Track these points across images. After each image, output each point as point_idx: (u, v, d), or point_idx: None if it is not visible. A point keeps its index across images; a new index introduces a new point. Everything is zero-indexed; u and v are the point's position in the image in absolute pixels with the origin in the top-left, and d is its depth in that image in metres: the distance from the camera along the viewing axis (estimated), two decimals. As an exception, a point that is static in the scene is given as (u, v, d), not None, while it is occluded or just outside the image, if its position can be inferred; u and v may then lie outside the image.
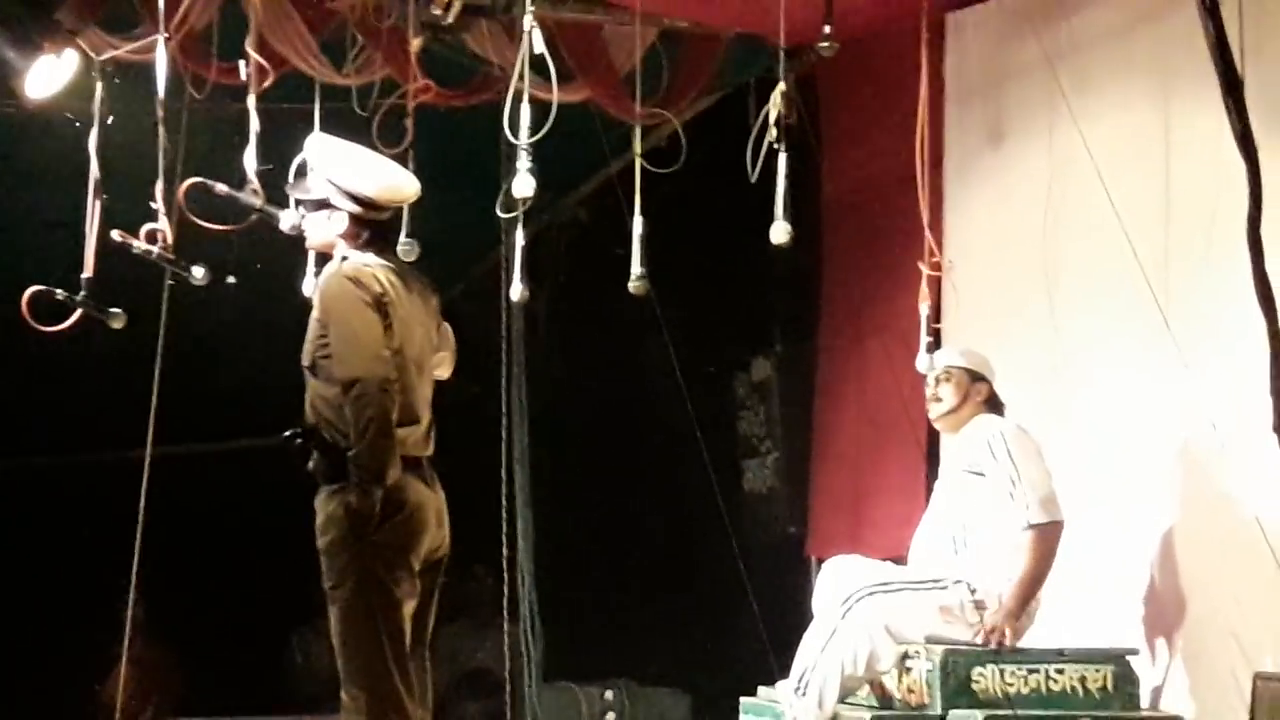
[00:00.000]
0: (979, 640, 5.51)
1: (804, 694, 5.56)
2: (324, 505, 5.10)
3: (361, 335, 5.02)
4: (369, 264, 5.16)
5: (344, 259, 5.20)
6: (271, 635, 9.45)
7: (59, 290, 5.41)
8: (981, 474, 5.74)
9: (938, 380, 5.97)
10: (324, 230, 5.27)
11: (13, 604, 9.54)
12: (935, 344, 6.25)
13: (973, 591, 5.62)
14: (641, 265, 5.88)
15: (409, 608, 5.12)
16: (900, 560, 6.09)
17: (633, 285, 5.93)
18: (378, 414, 4.92)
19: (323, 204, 5.24)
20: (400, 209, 5.46)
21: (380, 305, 5.07)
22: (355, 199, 5.19)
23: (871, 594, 5.61)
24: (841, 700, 5.56)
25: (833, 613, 5.62)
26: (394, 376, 5.01)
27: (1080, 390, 6.28)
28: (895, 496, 7.15)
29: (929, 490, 6.32)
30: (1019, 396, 6.18)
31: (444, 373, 5.50)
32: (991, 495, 5.69)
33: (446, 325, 5.53)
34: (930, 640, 5.54)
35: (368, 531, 4.97)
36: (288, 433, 5.14)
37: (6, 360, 7.83)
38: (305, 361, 5.18)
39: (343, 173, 5.21)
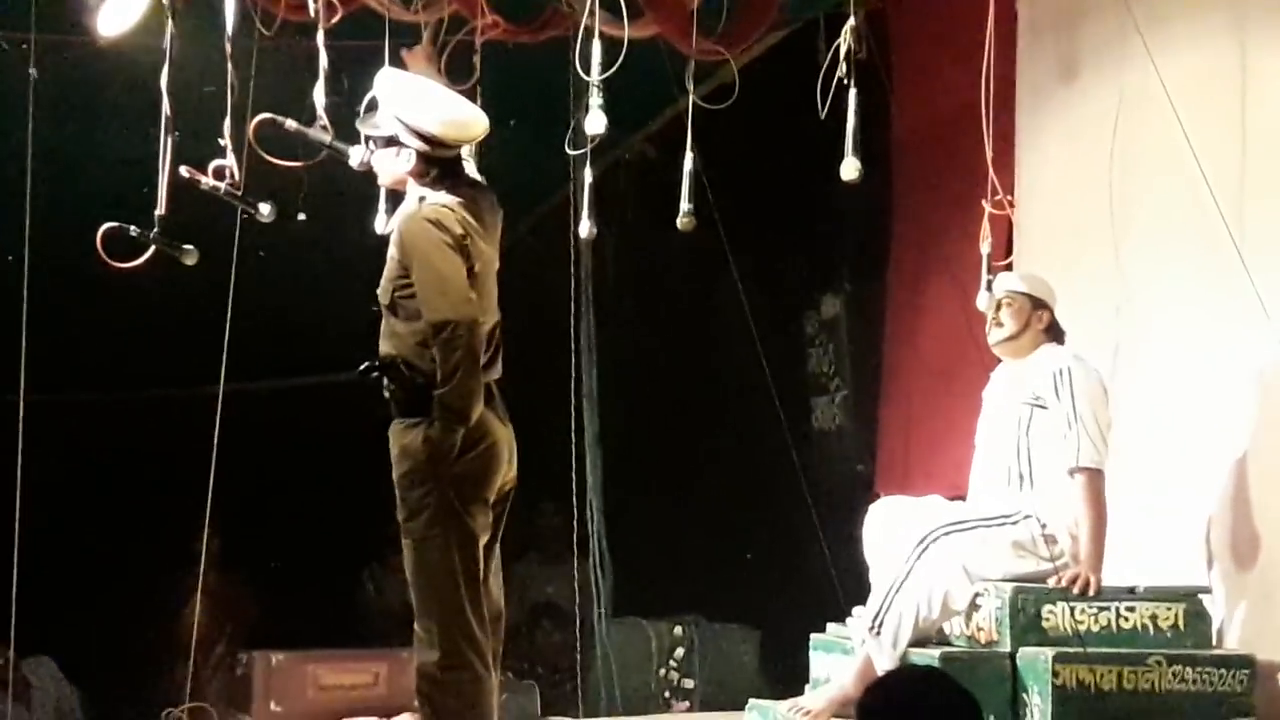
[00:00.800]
0: (1062, 584, 5.50)
1: (879, 634, 5.56)
2: (399, 438, 5.13)
3: (449, 278, 5.05)
4: (447, 204, 5.17)
5: (421, 199, 5.21)
6: (344, 570, 9.52)
7: (132, 227, 5.45)
8: (1045, 406, 5.71)
9: (999, 305, 5.91)
10: (393, 167, 5.28)
11: (89, 538, 9.65)
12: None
13: (1043, 526, 5.61)
14: (690, 201, 5.86)
15: (483, 541, 5.16)
16: (961, 496, 6.08)
17: (681, 222, 5.92)
18: (466, 356, 4.97)
19: (391, 141, 5.25)
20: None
21: (462, 247, 5.09)
22: (422, 136, 5.20)
23: (947, 534, 5.60)
24: (914, 644, 5.57)
25: (908, 553, 5.61)
26: (482, 318, 5.05)
27: (1149, 327, 6.24)
28: (963, 434, 7.13)
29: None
30: (1085, 334, 6.14)
31: None
32: (1054, 428, 5.67)
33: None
34: (1005, 578, 5.54)
35: (446, 466, 5.02)
36: (364, 365, 5.17)
37: (82, 297, 7.89)
38: (384, 301, 5.21)
39: (410, 110, 5.21)
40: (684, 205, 5.89)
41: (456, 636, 5.06)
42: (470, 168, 5.47)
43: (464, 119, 5.29)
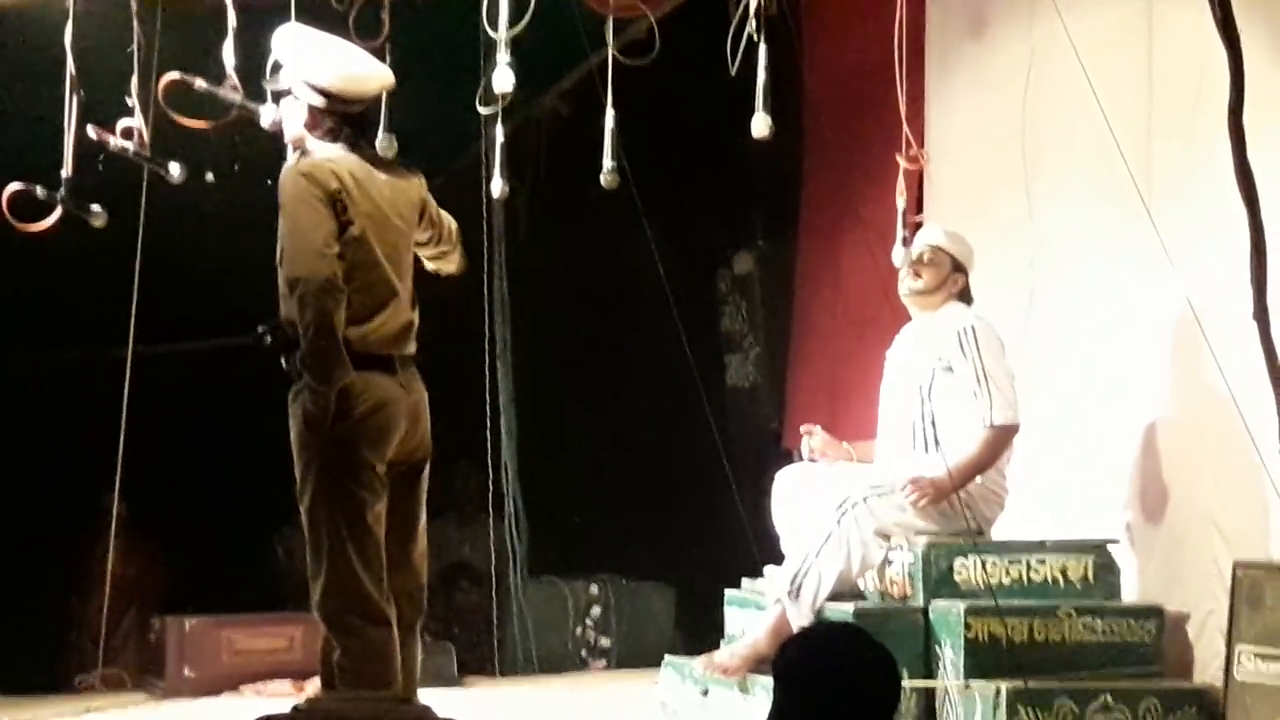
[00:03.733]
0: (905, 489, 5.57)
1: (797, 597, 5.59)
2: (291, 402, 5.06)
3: (306, 233, 4.94)
4: (331, 158, 5.08)
5: (305, 153, 5.13)
6: (258, 534, 9.45)
7: (39, 188, 5.37)
8: (951, 369, 5.74)
9: (921, 258, 5.92)
10: (290, 123, 5.20)
11: (-3, 503, 9.54)
12: (913, 239, 6.21)
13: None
14: (613, 159, 5.84)
15: (378, 507, 5.06)
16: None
17: (604, 179, 5.90)
18: (317, 315, 4.85)
19: (288, 94, 5.19)
20: (377, 102, 5.39)
21: (334, 201, 4.99)
22: (318, 90, 5.13)
23: (865, 499, 5.63)
24: (829, 599, 5.60)
25: (827, 517, 5.63)
26: (337, 274, 4.92)
27: (1060, 281, 6.29)
28: (870, 390, 7.18)
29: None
30: (998, 287, 6.18)
31: (450, 267, 5.54)
32: (961, 390, 5.70)
33: (450, 218, 5.52)
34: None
35: (324, 432, 4.92)
36: (259, 329, 5.09)
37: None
38: (277, 259, 5.13)
39: (305, 64, 5.14)
40: (606, 163, 5.84)
41: (343, 604, 4.97)
42: (382, 145, 5.39)
43: (361, 73, 5.20)
